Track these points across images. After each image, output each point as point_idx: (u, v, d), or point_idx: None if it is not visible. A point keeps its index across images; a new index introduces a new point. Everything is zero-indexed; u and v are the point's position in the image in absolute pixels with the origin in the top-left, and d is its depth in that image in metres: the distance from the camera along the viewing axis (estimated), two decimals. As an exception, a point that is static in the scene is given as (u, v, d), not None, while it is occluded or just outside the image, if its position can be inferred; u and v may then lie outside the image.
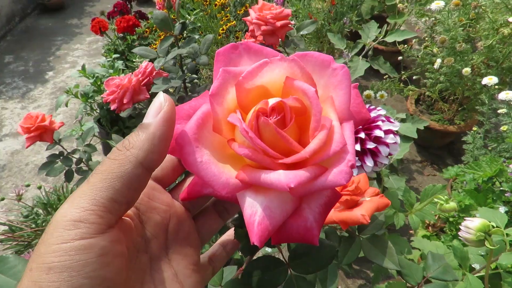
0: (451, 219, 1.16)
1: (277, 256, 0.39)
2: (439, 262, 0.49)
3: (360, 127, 0.45)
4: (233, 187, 0.24)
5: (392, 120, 0.44)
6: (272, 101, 0.25)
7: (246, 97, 0.26)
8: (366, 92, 1.59)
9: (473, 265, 0.76)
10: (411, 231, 1.49)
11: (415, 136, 1.12)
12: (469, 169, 1.12)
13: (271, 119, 0.25)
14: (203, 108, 0.26)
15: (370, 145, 0.44)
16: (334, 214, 0.39)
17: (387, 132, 0.44)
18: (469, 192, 1.09)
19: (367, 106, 0.48)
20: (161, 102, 0.24)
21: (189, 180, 0.30)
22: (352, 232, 0.47)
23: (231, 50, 0.27)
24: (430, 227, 1.29)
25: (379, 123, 0.44)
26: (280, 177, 0.23)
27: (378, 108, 0.46)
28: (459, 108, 1.73)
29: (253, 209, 0.24)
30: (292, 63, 0.25)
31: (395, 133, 0.44)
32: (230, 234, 0.34)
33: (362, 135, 0.44)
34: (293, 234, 0.25)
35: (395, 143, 0.44)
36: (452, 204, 0.51)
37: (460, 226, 0.41)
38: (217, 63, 0.27)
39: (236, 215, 0.34)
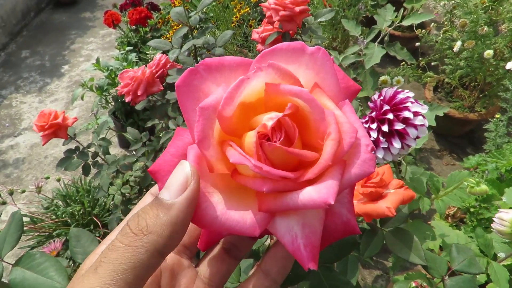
0: (472, 210, 1.13)
1: None
2: (465, 254, 0.48)
3: (388, 107, 0.44)
4: (263, 223, 0.22)
5: (420, 102, 0.43)
6: (269, 122, 0.23)
7: (230, 123, 0.24)
8: (382, 78, 1.55)
9: (498, 254, 0.73)
10: (429, 222, 1.47)
11: (434, 123, 1.08)
12: (491, 158, 1.08)
13: (277, 142, 0.22)
14: (190, 155, 0.23)
15: (399, 126, 0.42)
16: (358, 207, 0.38)
17: (415, 113, 0.42)
18: (492, 181, 1.06)
19: (394, 89, 0.46)
20: (187, 177, 0.20)
21: None
22: (373, 224, 0.46)
23: (190, 76, 0.24)
24: (449, 218, 1.26)
25: (408, 104, 0.42)
26: (312, 196, 0.21)
27: (407, 91, 0.45)
28: (480, 95, 1.68)
29: (292, 234, 0.22)
30: (269, 69, 0.23)
31: (424, 115, 0.43)
32: (273, 255, 0.26)
33: (390, 116, 0.43)
34: (334, 234, 0.24)
35: (423, 125, 0.42)
36: (484, 187, 0.49)
37: (493, 218, 0.40)
38: (181, 96, 0.24)
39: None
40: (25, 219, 1.28)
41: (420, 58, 1.77)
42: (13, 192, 1.17)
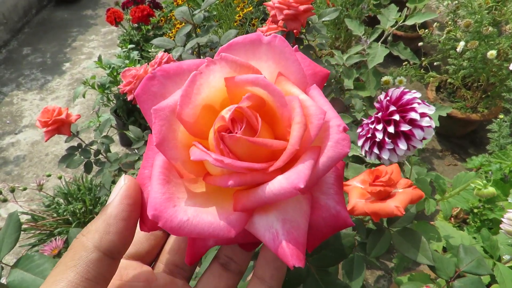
0: (475, 210, 1.13)
1: None
2: (472, 255, 0.47)
3: (395, 108, 0.43)
4: (239, 223, 0.20)
5: (427, 103, 0.43)
6: (227, 114, 0.21)
7: (197, 125, 0.22)
8: (385, 78, 1.54)
9: (503, 256, 0.73)
10: (432, 222, 1.46)
11: (437, 124, 1.08)
12: (495, 159, 1.08)
13: (237, 133, 0.21)
14: (158, 161, 0.22)
15: (405, 127, 0.42)
16: (366, 206, 0.38)
17: (422, 115, 0.42)
18: (495, 182, 1.05)
19: (401, 89, 0.46)
20: (121, 183, 0.22)
21: (175, 240, 0.27)
22: (380, 224, 0.46)
23: (148, 83, 0.23)
24: (452, 219, 1.25)
25: (415, 105, 0.42)
26: (282, 184, 0.19)
27: (413, 91, 0.45)
28: (483, 96, 1.67)
29: (272, 231, 0.20)
30: (222, 62, 0.22)
31: (431, 117, 0.42)
32: (263, 258, 0.25)
33: (396, 117, 0.42)
34: (325, 230, 0.23)
35: (430, 126, 0.42)
36: (491, 189, 0.49)
37: (502, 219, 0.39)
38: (142, 104, 0.23)
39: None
40: (26, 217, 1.28)
41: (423, 58, 1.76)
42: (14, 190, 1.17)
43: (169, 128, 0.22)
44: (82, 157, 0.98)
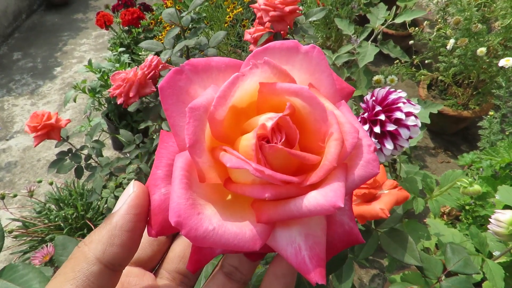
0: (467, 207, 1.13)
1: None
2: (460, 254, 0.47)
3: (380, 108, 0.43)
4: (263, 235, 0.20)
5: (413, 102, 0.43)
6: (269, 122, 0.21)
7: (222, 128, 0.22)
8: (376, 77, 1.55)
9: (493, 252, 0.73)
10: (424, 220, 1.47)
11: (428, 121, 1.08)
12: (486, 155, 1.08)
13: (278, 144, 0.21)
14: (179, 162, 0.21)
15: (391, 127, 0.42)
16: (351, 209, 0.38)
17: (408, 114, 0.42)
18: (486, 179, 1.06)
19: (387, 89, 0.46)
20: (129, 191, 0.21)
21: (180, 247, 0.26)
22: (368, 226, 0.46)
23: (175, 77, 0.22)
24: (445, 216, 1.26)
25: (400, 105, 0.42)
26: (319, 200, 0.19)
27: (399, 91, 0.45)
28: (474, 92, 1.68)
29: (295, 245, 0.20)
30: (265, 67, 0.22)
31: (416, 116, 0.42)
32: (273, 273, 0.23)
33: (382, 117, 0.42)
34: (338, 244, 0.22)
35: (416, 125, 0.42)
36: (477, 187, 0.49)
37: (490, 219, 0.39)
38: (166, 98, 0.22)
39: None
40: (17, 223, 1.26)
41: (414, 56, 1.77)
42: (4, 197, 1.16)
43: (201, 129, 0.21)
44: (72, 162, 0.97)
